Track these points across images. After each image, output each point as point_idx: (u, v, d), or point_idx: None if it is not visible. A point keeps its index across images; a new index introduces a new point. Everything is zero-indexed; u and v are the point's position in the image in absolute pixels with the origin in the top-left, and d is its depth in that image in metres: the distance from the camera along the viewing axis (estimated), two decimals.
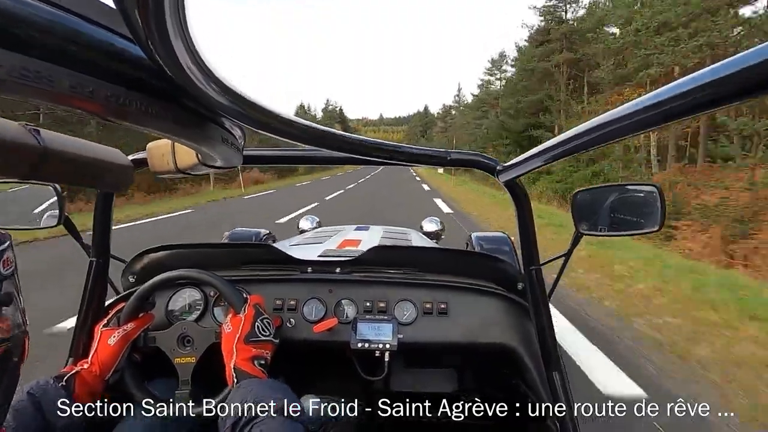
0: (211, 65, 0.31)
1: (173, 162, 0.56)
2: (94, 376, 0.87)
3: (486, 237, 2.41)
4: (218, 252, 1.22)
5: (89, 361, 0.88)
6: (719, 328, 3.27)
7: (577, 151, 0.54)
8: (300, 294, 1.11)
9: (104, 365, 0.88)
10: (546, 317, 0.92)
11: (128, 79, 0.32)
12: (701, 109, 0.33)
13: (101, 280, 1.02)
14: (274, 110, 0.40)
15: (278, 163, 1.06)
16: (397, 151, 0.64)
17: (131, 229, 8.37)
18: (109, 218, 0.99)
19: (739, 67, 0.28)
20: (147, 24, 0.25)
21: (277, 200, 14.70)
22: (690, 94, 0.32)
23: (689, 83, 0.32)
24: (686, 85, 0.32)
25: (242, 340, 0.88)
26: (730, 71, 0.29)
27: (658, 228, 0.84)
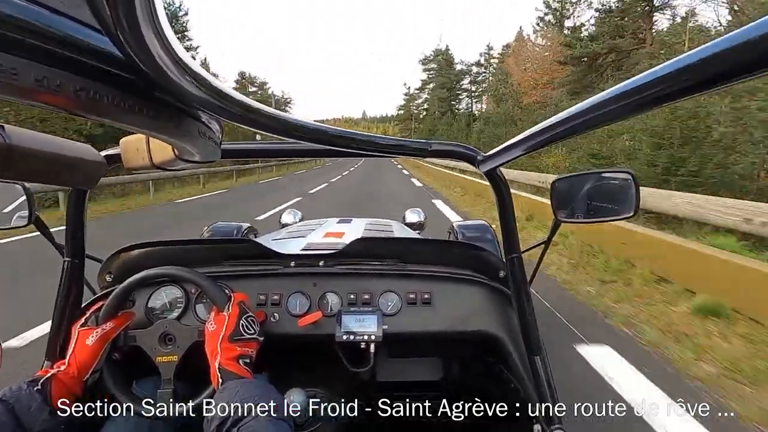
0: (185, 56, 0.30)
1: (148, 157, 0.55)
2: (72, 377, 0.84)
3: (468, 225, 2.44)
4: (199, 248, 1.20)
5: (66, 362, 0.86)
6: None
7: (556, 140, 0.54)
8: (284, 288, 1.10)
9: (82, 366, 0.86)
10: (527, 303, 0.94)
11: (98, 72, 0.31)
12: (686, 93, 0.33)
13: (77, 280, 0.99)
14: (252, 102, 0.39)
15: (258, 156, 1.04)
16: (377, 143, 0.64)
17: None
18: (82, 216, 0.96)
19: (721, 48, 0.28)
20: (116, 14, 0.24)
21: (216, 209, 9.94)
22: (672, 79, 0.32)
23: (672, 67, 0.32)
24: (668, 69, 0.32)
25: (227, 339, 0.87)
26: (710, 54, 0.28)
27: (633, 213, 0.86)
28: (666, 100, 0.35)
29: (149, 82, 0.33)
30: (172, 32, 0.27)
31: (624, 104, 0.38)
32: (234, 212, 9.40)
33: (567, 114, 0.48)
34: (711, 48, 0.29)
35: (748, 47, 0.26)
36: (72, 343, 0.88)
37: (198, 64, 0.31)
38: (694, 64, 0.30)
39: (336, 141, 0.54)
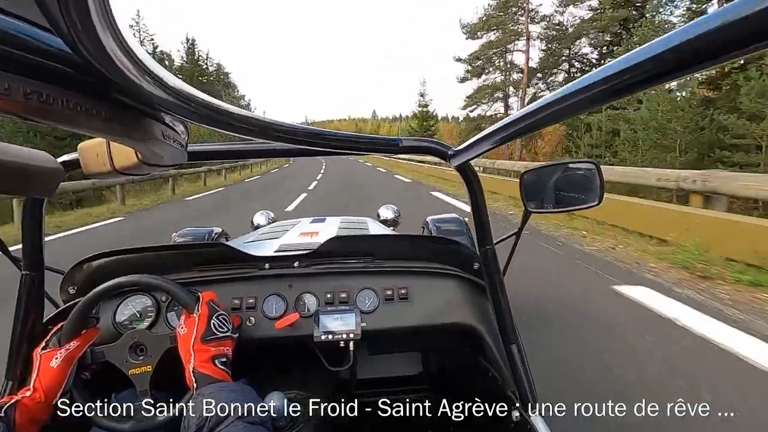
0: (144, 56, 0.28)
1: (110, 163, 0.53)
2: (38, 403, 0.79)
3: (441, 219, 2.47)
4: (167, 254, 1.16)
5: (31, 387, 0.81)
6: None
7: (526, 133, 0.55)
8: (258, 291, 1.08)
9: (49, 390, 0.81)
10: (501, 293, 0.96)
11: (50, 74, 0.29)
12: (654, 81, 0.33)
13: (36, 294, 0.94)
14: (217, 103, 0.38)
15: (226, 157, 1.01)
16: (348, 140, 0.63)
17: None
18: (40, 226, 0.91)
19: (688, 36, 0.28)
20: (67, 12, 0.22)
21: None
22: (642, 66, 0.32)
23: (641, 55, 0.32)
24: (638, 58, 0.32)
25: (199, 340, 0.84)
26: (679, 41, 0.29)
27: (598, 202, 0.89)
28: (638, 87, 0.34)
29: (107, 83, 0.31)
30: (128, 30, 0.26)
31: (593, 93, 0.38)
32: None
33: (535, 106, 0.48)
34: (680, 34, 0.29)
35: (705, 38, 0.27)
36: (35, 368, 0.83)
37: (158, 63, 0.30)
38: (664, 51, 0.30)
39: (306, 140, 0.53)
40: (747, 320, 2.75)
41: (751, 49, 0.26)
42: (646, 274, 3.79)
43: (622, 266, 4.05)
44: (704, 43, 0.27)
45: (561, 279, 3.84)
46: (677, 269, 3.84)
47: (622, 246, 4.79)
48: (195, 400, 0.76)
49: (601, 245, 4.90)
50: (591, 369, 2.22)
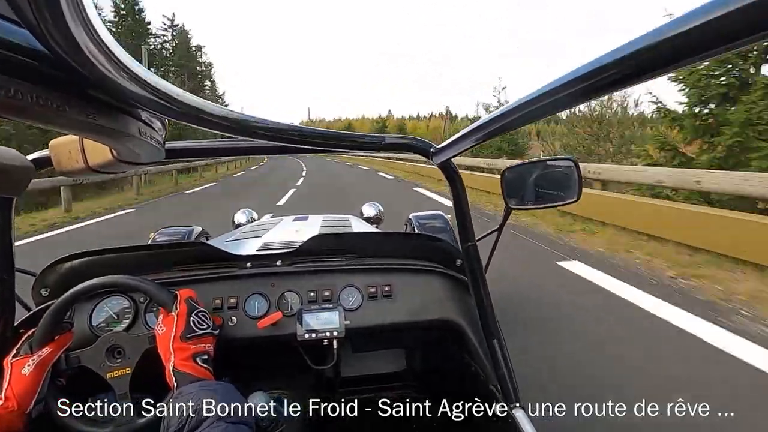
0: (119, 51, 0.28)
1: (83, 160, 0.51)
2: (11, 412, 0.76)
3: (424, 216, 2.48)
4: (145, 254, 1.13)
5: (3, 396, 0.77)
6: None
7: (508, 129, 0.56)
8: (240, 291, 1.07)
9: (22, 398, 0.78)
10: (483, 289, 0.97)
11: (18, 68, 0.28)
12: (640, 78, 0.32)
13: (7, 298, 0.91)
14: (196, 99, 0.37)
15: (205, 155, 0.99)
16: (331, 138, 0.63)
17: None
18: (10, 226, 0.87)
19: (661, 37, 0.28)
20: (36, 4, 0.22)
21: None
22: (620, 64, 0.32)
23: (617, 54, 0.31)
24: (612, 57, 0.32)
25: (178, 338, 0.83)
26: (655, 41, 0.28)
27: (577, 198, 0.91)
28: (619, 84, 0.34)
29: (79, 79, 0.30)
30: (101, 23, 0.25)
31: (574, 90, 0.38)
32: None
33: (518, 102, 0.48)
34: (663, 30, 0.28)
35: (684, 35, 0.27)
36: (6, 377, 0.80)
37: (132, 58, 0.29)
38: (645, 47, 0.30)
39: (288, 137, 0.53)
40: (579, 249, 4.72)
41: (739, 43, 0.25)
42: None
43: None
44: (685, 39, 0.27)
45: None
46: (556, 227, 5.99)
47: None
48: (175, 399, 0.74)
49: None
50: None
